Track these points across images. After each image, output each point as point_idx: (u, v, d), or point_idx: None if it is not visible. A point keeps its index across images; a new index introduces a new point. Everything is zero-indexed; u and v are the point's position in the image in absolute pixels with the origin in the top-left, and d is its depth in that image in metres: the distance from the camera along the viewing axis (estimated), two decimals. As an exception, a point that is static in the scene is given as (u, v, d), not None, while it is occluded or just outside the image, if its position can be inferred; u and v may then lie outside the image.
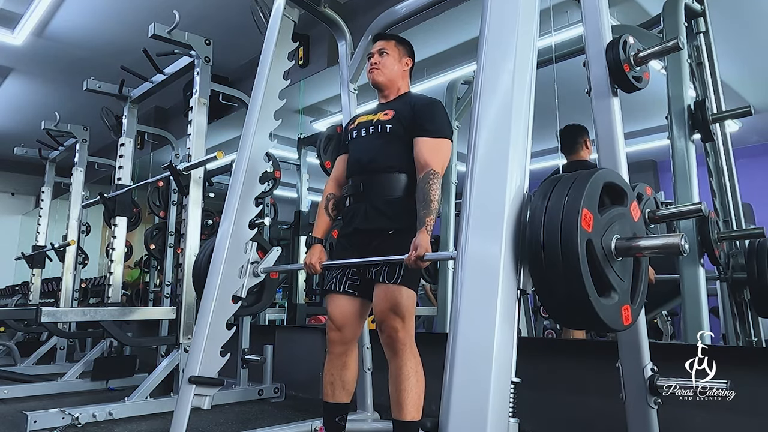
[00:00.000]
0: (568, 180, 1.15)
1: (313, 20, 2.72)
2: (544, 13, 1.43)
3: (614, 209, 1.20)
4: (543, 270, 1.09)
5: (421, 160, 1.89)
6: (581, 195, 1.09)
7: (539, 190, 1.18)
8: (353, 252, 1.96)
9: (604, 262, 1.12)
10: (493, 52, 1.32)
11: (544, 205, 1.12)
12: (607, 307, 1.10)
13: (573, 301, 1.08)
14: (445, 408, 1.09)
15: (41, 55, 5.25)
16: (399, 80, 2.11)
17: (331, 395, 1.98)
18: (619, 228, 1.18)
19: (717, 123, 2.32)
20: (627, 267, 1.21)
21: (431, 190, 1.81)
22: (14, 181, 9.22)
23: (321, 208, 2.12)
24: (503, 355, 1.09)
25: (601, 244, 1.12)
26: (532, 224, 1.13)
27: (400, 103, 2.05)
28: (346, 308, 1.99)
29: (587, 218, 1.09)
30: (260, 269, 2.15)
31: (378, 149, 1.99)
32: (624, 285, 1.18)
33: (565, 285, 1.07)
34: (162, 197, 4.34)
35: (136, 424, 2.81)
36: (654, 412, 1.53)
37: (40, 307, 2.87)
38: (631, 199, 1.25)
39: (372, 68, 2.09)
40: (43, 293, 5.43)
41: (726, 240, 2.27)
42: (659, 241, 1.17)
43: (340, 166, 2.16)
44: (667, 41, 1.67)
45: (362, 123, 2.09)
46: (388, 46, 2.11)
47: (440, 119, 1.96)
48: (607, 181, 1.20)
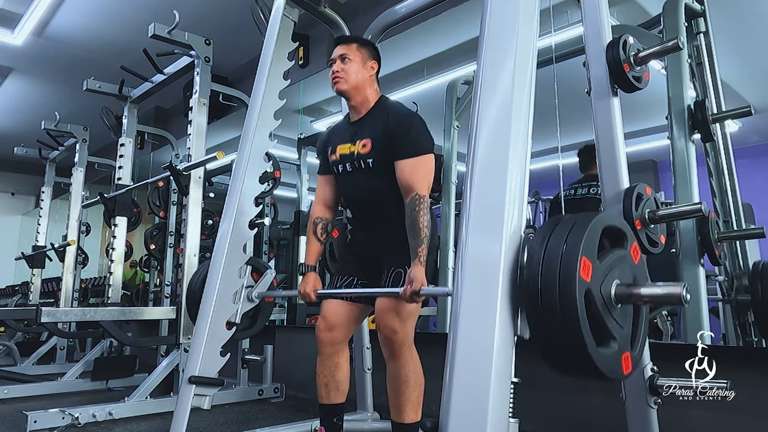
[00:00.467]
0: (567, 223, 1.12)
1: (313, 20, 2.72)
2: (544, 13, 1.43)
3: (614, 253, 1.16)
4: (540, 317, 1.06)
5: (404, 184, 1.83)
6: (580, 242, 1.06)
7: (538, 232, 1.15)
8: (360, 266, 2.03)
9: (604, 311, 1.09)
10: (493, 52, 1.32)
11: (542, 250, 1.09)
12: (606, 357, 1.07)
13: (570, 351, 1.04)
14: (445, 408, 1.09)
15: (41, 55, 5.25)
16: (366, 87, 1.99)
17: (326, 397, 1.98)
18: (619, 272, 1.14)
19: (717, 123, 2.32)
20: (627, 313, 1.17)
21: (419, 217, 1.76)
22: (14, 181, 9.21)
23: (310, 234, 2.06)
24: (503, 355, 1.08)
25: (600, 292, 1.09)
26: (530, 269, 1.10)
27: (374, 124, 1.94)
28: (342, 310, 1.98)
29: (586, 267, 1.05)
30: (254, 294, 2.15)
31: (368, 185, 1.95)
32: (624, 332, 1.14)
33: (563, 334, 1.03)
34: (162, 197, 4.33)
35: (136, 424, 2.81)
36: (654, 412, 1.53)
37: (40, 307, 2.87)
38: (631, 240, 1.22)
39: (334, 77, 1.96)
40: (43, 293, 5.43)
41: (726, 240, 2.27)
42: (660, 290, 1.13)
43: (325, 188, 2.10)
44: (667, 41, 1.67)
45: (343, 156, 1.99)
46: (350, 51, 1.98)
47: (416, 135, 1.86)
48: (607, 224, 1.16)
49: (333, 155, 2.03)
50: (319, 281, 2.02)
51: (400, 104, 2.00)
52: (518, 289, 1.12)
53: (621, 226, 1.21)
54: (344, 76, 1.95)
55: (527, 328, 1.11)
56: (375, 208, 1.98)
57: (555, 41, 2.33)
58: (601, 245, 1.14)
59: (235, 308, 2.10)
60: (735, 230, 2.33)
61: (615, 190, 1.60)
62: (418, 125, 1.89)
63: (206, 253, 3.67)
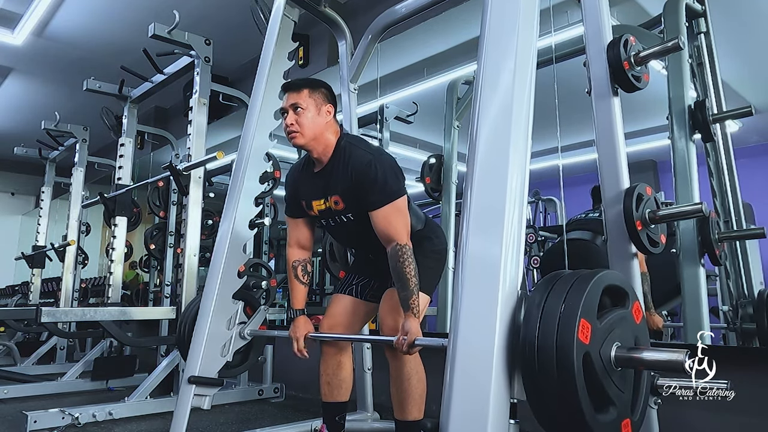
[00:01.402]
0: (567, 280, 1.08)
1: (313, 20, 2.72)
2: (544, 13, 1.43)
3: (615, 313, 1.12)
4: (536, 380, 1.03)
5: (383, 235, 1.76)
6: (579, 302, 1.01)
7: (536, 289, 1.11)
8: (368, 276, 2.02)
9: (603, 375, 1.04)
10: (494, 51, 1.32)
11: (539, 310, 1.05)
12: (605, 424, 1.03)
13: (568, 417, 1.01)
14: (445, 408, 1.09)
15: (41, 55, 5.24)
16: (323, 135, 1.85)
17: (328, 395, 1.99)
18: (619, 333, 1.10)
19: (717, 123, 2.32)
20: (627, 377, 1.13)
21: (404, 267, 1.71)
22: (14, 181, 9.21)
23: (292, 279, 1.99)
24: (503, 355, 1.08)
25: (599, 355, 1.04)
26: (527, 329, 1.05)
27: (339, 177, 1.83)
28: (348, 308, 1.99)
29: (585, 329, 1.01)
30: (247, 332, 2.13)
31: (357, 233, 1.90)
32: (624, 397, 1.10)
33: (560, 400, 1.00)
34: (162, 197, 4.33)
35: (136, 424, 2.81)
36: (654, 412, 1.53)
37: (40, 307, 2.87)
38: (633, 299, 1.18)
39: (289, 132, 1.83)
40: (43, 293, 5.43)
41: (726, 240, 2.27)
42: (662, 356, 1.07)
43: (296, 231, 2.01)
44: (667, 41, 1.67)
45: (322, 212, 1.92)
46: (301, 99, 1.83)
47: (381, 183, 1.75)
48: (609, 283, 1.12)
49: (311, 211, 1.95)
50: (310, 324, 1.98)
51: (363, 146, 1.87)
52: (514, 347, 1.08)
53: (622, 284, 1.17)
54: (300, 130, 1.82)
55: (523, 390, 1.07)
56: (371, 248, 1.93)
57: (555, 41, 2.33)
58: (602, 304, 1.09)
59: (235, 308, 2.10)
60: (735, 230, 2.33)
61: (615, 190, 1.60)
62: (382, 170, 1.76)
63: (206, 253, 3.66)
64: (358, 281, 2.03)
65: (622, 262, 1.57)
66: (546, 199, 4.31)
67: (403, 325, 1.68)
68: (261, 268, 3.73)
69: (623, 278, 1.22)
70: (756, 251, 2.45)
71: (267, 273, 3.65)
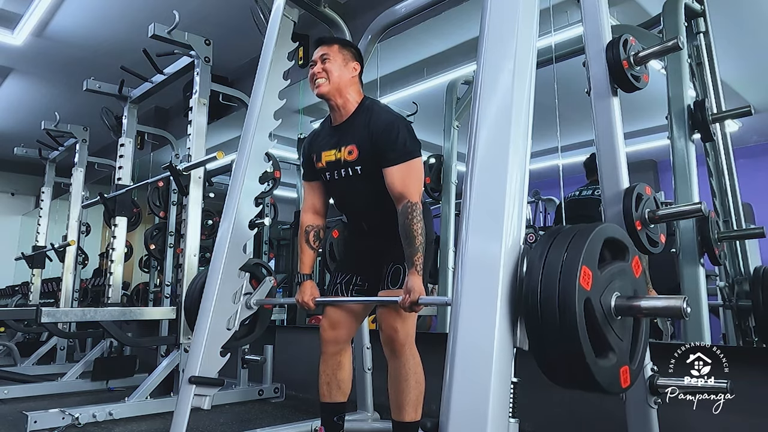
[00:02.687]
0: (567, 233, 1.11)
1: (313, 20, 2.72)
2: (544, 13, 1.43)
3: (615, 265, 1.15)
4: (539, 327, 1.05)
5: (395, 192, 1.79)
6: (581, 251, 1.05)
7: (538, 242, 1.14)
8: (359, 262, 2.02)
9: (603, 322, 1.08)
10: (493, 52, 1.32)
11: (542, 260, 1.08)
12: (605, 369, 1.06)
13: (569, 362, 1.04)
14: (445, 408, 1.09)
15: (41, 55, 5.24)
16: (347, 88, 1.92)
17: (327, 395, 1.98)
18: (619, 285, 1.14)
19: (717, 123, 2.32)
20: (627, 326, 1.17)
21: (412, 225, 1.72)
22: (14, 181, 9.21)
23: (302, 242, 2.02)
24: (503, 355, 1.08)
25: (600, 302, 1.08)
26: (530, 278, 1.09)
27: (358, 129, 1.88)
28: (345, 308, 1.99)
29: (586, 276, 1.04)
30: (253, 301, 2.14)
31: (360, 190, 1.92)
32: (623, 345, 1.13)
33: (561, 344, 1.03)
34: (162, 197, 4.33)
35: (136, 425, 2.81)
36: (654, 412, 1.53)
37: (40, 308, 2.87)
38: (633, 254, 1.21)
39: (315, 78, 1.91)
40: (43, 293, 5.43)
41: (726, 240, 2.27)
42: (660, 303, 1.13)
43: (312, 196, 2.06)
44: (667, 41, 1.67)
45: (330, 164, 1.94)
46: (331, 51, 1.93)
47: (401, 140, 1.80)
48: (609, 236, 1.15)
49: (319, 162, 1.98)
50: (316, 289, 2.00)
51: (385, 108, 1.95)
52: (518, 297, 1.11)
53: (622, 238, 1.20)
54: (325, 77, 1.90)
55: (526, 339, 1.10)
56: (369, 212, 1.97)
57: (555, 41, 2.34)
58: (602, 257, 1.13)
59: (235, 309, 2.10)
60: (735, 230, 2.33)
61: (615, 190, 1.60)
62: (404, 130, 1.83)
63: (206, 253, 3.67)
64: (341, 279, 2.03)
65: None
66: (546, 199, 4.31)
67: (406, 284, 1.69)
68: (261, 268, 3.73)
69: (623, 232, 1.25)
70: (756, 251, 2.45)
71: (267, 273, 3.65)
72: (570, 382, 1.10)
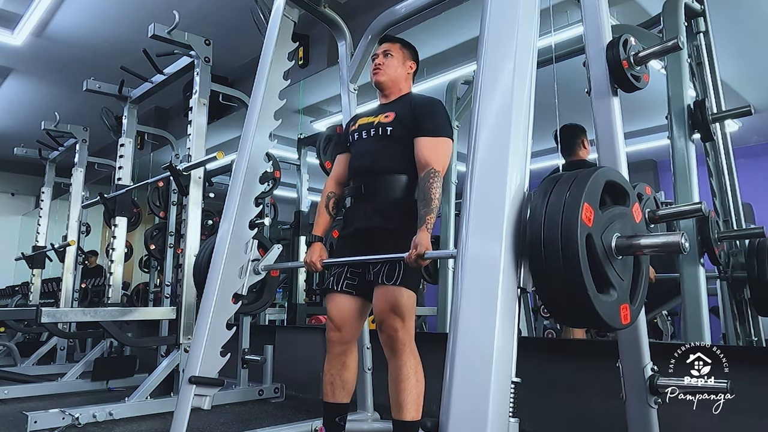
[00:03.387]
0: (569, 177, 1.15)
1: (313, 20, 2.72)
2: (544, 13, 1.43)
3: (616, 208, 1.19)
4: (543, 265, 1.09)
5: (422, 159, 1.88)
6: (583, 190, 1.09)
7: (540, 187, 1.17)
8: (353, 251, 1.97)
9: (604, 259, 1.11)
10: (493, 51, 1.32)
11: (545, 202, 1.12)
12: (605, 303, 1.09)
13: (572, 297, 1.07)
14: (445, 408, 1.09)
15: (41, 55, 5.25)
16: (401, 82, 2.12)
17: (331, 395, 1.98)
18: (620, 227, 1.17)
19: (717, 123, 2.32)
20: (627, 266, 1.20)
21: (432, 189, 1.81)
22: (14, 181, 9.21)
23: (321, 207, 2.12)
24: (503, 355, 1.08)
25: (601, 240, 1.11)
26: (533, 221, 1.12)
27: (401, 105, 2.04)
28: (345, 307, 1.99)
29: (588, 213, 1.08)
30: (261, 267, 2.16)
31: (379, 152, 1.99)
32: (624, 284, 1.17)
33: (565, 280, 1.06)
34: (162, 197, 4.34)
35: (137, 425, 2.81)
36: (654, 412, 1.53)
37: (40, 308, 2.87)
38: (633, 200, 1.24)
39: (375, 68, 2.09)
40: (43, 293, 5.43)
41: (726, 239, 2.27)
42: (660, 240, 1.16)
43: (340, 165, 2.16)
44: (667, 41, 1.67)
45: (363, 125, 2.08)
46: (393, 49, 2.12)
47: (440, 118, 1.96)
48: (609, 179, 1.19)
49: (353, 125, 2.13)
50: (324, 251, 2.05)
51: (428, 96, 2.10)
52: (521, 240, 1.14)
53: (623, 183, 1.24)
54: (384, 69, 2.08)
55: (530, 278, 1.13)
56: (377, 179, 1.97)
57: (555, 41, 2.34)
58: (603, 201, 1.16)
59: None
60: (735, 230, 2.34)
61: (615, 189, 1.60)
62: (443, 111, 1.99)
63: (206, 253, 3.66)
64: (334, 271, 2.03)
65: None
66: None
67: (414, 239, 1.73)
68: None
69: (624, 177, 1.29)
70: (756, 251, 2.45)
71: (267, 273, 3.65)
72: (572, 317, 1.14)
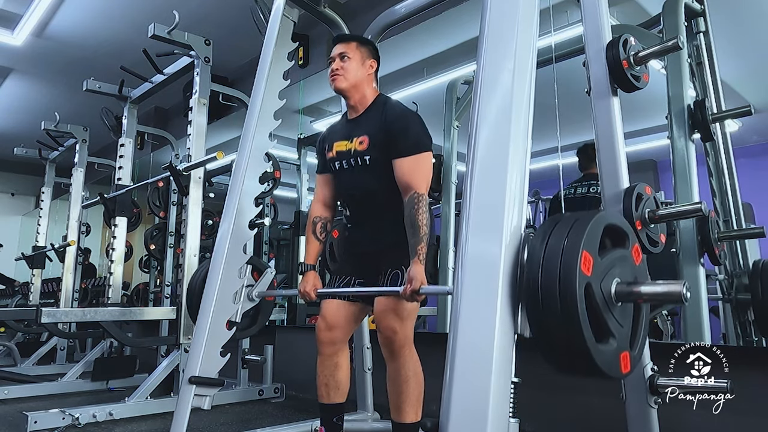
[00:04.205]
0: (568, 221, 1.12)
1: (313, 20, 2.72)
2: (543, 13, 1.43)
3: (615, 252, 1.16)
4: (540, 312, 1.06)
5: (403, 183, 1.82)
6: (581, 237, 1.06)
7: (539, 230, 1.15)
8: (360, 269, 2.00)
9: (604, 307, 1.09)
10: (493, 51, 1.32)
11: (543, 246, 1.09)
12: (605, 354, 1.07)
13: (570, 346, 1.04)
14: (445, 408, 1.09)
15: (41, 55, 5.24)
16: (364, 86, 1.99)
17: (326, 396, 1.99)
18: (619, 271, 1.14)
19: (717, 122, 2.32)
20: (627, 312, 1.17)
21: (418, 215, 1.75)
22: (14, 181, 9.20)
23: (309, 233, 2.06)
24: (503, 355, 1.08)
25: (600, 288, 1.09)
26: (530, 264, 1.09)
27: (372, 121, 1.94)
28: (341, 310, 1.98)
29: (587, 261, 1.05)
30: (255, 293, 2.14)
31: (366, 182, 1.94)
32: (623, 331, 1.14)
33: (562, 329, 1.04)
34: (162, 197, 4.33)
35: (137, 425, 2.81)
36: (654, 412, 1.53)
37: (40, 308, 2.87)
38: (633, 241, 1.22)
39: (333, 75, 1.96)
40: (43, 294, 5.43)
41: (726, 239, 2.27)
42: (661, 288, 1.13)
43: (324, 187, 2.11)
44: (666, 41, 1.67)
45: (341, 153, 1.99)
46: (349, 50, 1.98)
47: (414, 133, 1.86)
48: (609, 223, 1.16)
49: (330, 152, 2.03)
50: (318, 280, 2.02)
51: (399, 102, 2.00)
52: (519, 287, 1.12)
53: (623, 225, 1.21)
54: (343, 74, 1.95)
55: (527, 325, 1.11)
56: (372, 205, 1.98)
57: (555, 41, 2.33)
58: (603, 244, 1.14)
59: (236, 308, 2.10)
60: (735, 230, 2.33)
61: (615, 189, 1.60)
62: (416, 123, 1.89)
63: (206, 254, 3.66)
64: (340, 282, 2.04)
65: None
66: (546, 199, 4.31)
67: (408, 272, 1.69)
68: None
69: (623, 220, 1.26)
70: (756, 251, 2.45)
71: (267, 273, 3.65)
72: (571, 367, 1.11)
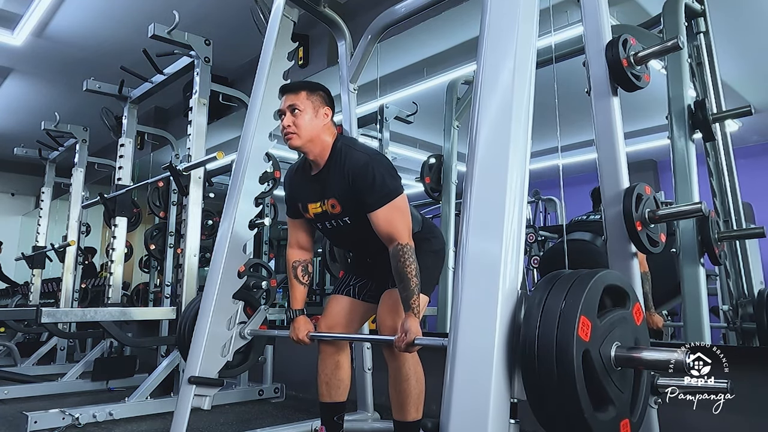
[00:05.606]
0: (567, 280, 1.08)
1: (313, 20, 2.72)
2: (543, 13, 1.43)
3: (615, 313, 1.12)
4: (536, 378, 1.02)
5: (383, 235, 1.76)
6: (580, 300, 1.02)
7: (537, 288, 1.11)
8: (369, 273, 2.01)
9: (603, 374, 1.04)
10: (493, 51, 1.32)
11: (540, 308, 1.05)
12: (604, 423, 1.03)
13: (566, 415, 1.00)
14: (445, 408, 1.09)
15: (41, 55, 5.24)
16: (321, 137, 1.86)
17: (327, 395, 1.99)
18: (619, 333, 1.10)
19: (717, 122, 2.32)
20: (627, 377, 1.13)
21: (405, 268, 1.70)
22: (14, 181, 9.21)
23: (291, 278, 2.00)
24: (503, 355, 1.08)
25: (599, 354, 1.04)
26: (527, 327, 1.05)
27: (336, 179, 1.83)
28: (346, 308, 1.99)
29: (585, 326, 1.01)
30: (247, 332, 2.13)
31: (355, 234, 1.90)
32: (623, 397, 1.10)
33: (559, 398, 1.00)
34: (162, 197, 4.33)
35: (137, 425, 2.81)
36: (654, 412, 1.53)
37: (40, 308, 2.87)
38: (634, 301, 1.18)
39: (286, 133, 1.84)
40: (43, 294, 5.43)
41: (726, 239, 2.27)
42: (663, 356, 1.07)
43: (297, 232, 2.02)
44: (667, 41, 1.66)
45: (318, 216, 1.91)
46: (299, 101, 1.84)
47: (379, 184, 1.75)
48: (609, 283, 1.12)
49: (307, 214, 1.95)
50: (310, 323, 1.98)
51: (359, 148, 1.88)
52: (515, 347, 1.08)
53: (623, 285, 1.17)
54: (296, 131, 1.83)
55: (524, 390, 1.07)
56: (368, 249, 1.96)
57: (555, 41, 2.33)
58: (602, 304, 1.09)
59: (235, 308, 2.10)
60: (735, 230, 2.33)
61: (615, 189, 1.60)
62: (379, 170, 1.76)
63: (206, 253, 3.66)
64: (355, 282, 2.03)
65: (622, 262, 1.57)
66: (546, 199, 4.31)
67: (402, 324, 1.68)
68: (261, 269, 3.73)
69: (624, 279, 1.22)
70: (756, 251, 2.45)
71: (267, 273, 3.65)
72: None
